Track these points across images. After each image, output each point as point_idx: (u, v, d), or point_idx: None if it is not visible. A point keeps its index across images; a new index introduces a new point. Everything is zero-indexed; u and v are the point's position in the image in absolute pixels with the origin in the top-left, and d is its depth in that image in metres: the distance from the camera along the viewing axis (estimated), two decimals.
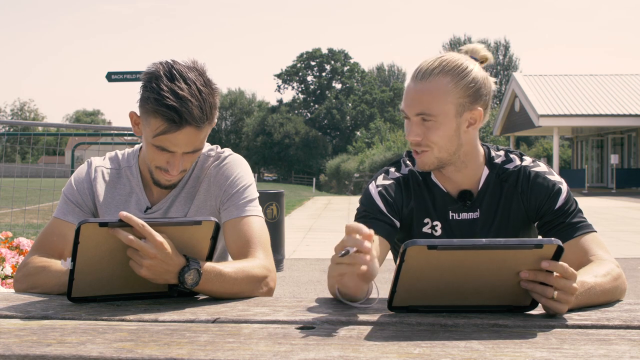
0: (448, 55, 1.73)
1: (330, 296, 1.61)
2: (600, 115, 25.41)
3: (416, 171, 1.83)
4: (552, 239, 1.26)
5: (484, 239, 1.25)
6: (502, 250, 1.25)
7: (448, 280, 1.30)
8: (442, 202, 1.79)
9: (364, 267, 1.30)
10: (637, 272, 7.41)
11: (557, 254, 1.26)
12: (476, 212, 1.78)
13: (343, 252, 1.27)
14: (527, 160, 1.82)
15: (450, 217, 1.79)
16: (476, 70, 1.72)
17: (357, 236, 1.28)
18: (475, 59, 1.76)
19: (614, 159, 25.43)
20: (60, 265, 1.67)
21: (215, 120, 1.73)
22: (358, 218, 1.77)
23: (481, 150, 1.82)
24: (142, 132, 1.74)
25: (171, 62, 1.68)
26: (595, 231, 1.70)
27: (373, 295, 1.47)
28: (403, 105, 1.74)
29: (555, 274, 1.27)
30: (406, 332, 1.21)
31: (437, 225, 1.79)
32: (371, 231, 1.31)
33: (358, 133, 57.89)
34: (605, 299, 1.45)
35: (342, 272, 1.33)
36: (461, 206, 1.78)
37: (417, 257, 1.25)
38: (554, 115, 25.27)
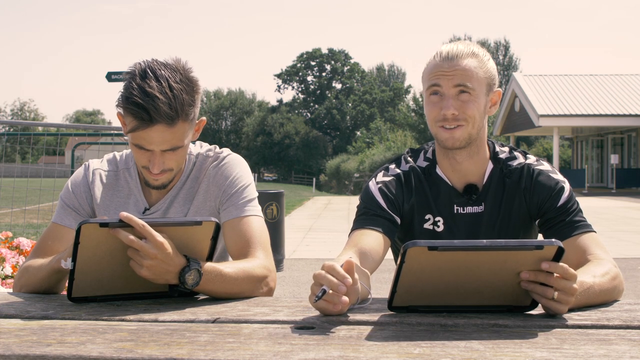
0: (466, 42, 1.77)
1: None
2: (600, 115, 25.40)
3: (418, 167, 1.83)
4: (553, 240, 1.26)
5: (484, 240, 1.25)
6: (502, 251, 1.25)
7: (448, 281, 1.30)
8: (447, 196, 1.79)
9: (342, 307, 1.30)
10: (637, 272, 7.41)
11: (558, 255, 1.26)
12: (481, 205, 1.79)
13: (320, 293, 1.27)
14: (531, 159, 1.83)
15: (456, 211, 1.79)
16: (491, 60, 1.79)
17: (331, 277, 1.28)
18: None
19: (614, 159, 25.42)
20: (40, 262, 1.68)
21: (192, 117, 1.70)
22: (358, 215, 1.77)
23: (487, 143, 1.84)
24: None
25: (149, 61, 1.68)
26: (595, 231, 1.70)
27: (367, 296, 1.47)
28: (434, 79, 1.72)
29: (555, 274, 1.27)
30: (406, 332, 1.21)
31: (439, 220, 1.79)
32: (352, 264, 1.31)
33: (358, 133, 57.91)
34: (603, 298, 1.45)
35: (322, 310, 1.33)
36: (467, 200, 1.78)
37: (417, 258, 1.25)
38: (554, 115, 25.26)
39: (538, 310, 1.36)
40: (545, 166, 1.81)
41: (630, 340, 1.15)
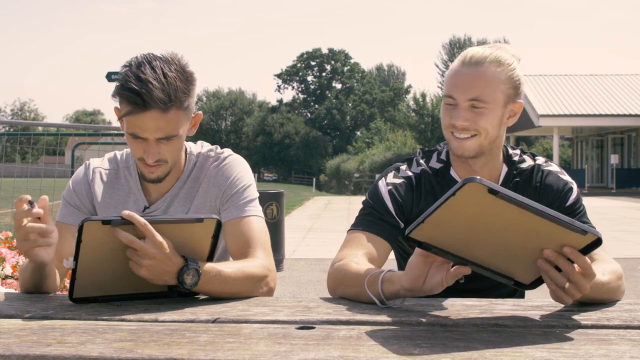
0: (497, 46, 1.74)
1: (330, 296, 1.61)
2: (600, 115, 25.41)
3: (430, 168, 1.81)
4: (595, 229, 1.23)
5: (539, 204, 1.20)
6: (543, 221, 1.20)
7: (478, 229, 1.25)
8: None
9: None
10: (637, 272, 7.41)
11: (589, 247, 1.23)
12: None
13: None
14: (540, 160, 1.84)
15: None
16: (519, 67, 1.74)
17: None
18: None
19: (614, 159, 25.44)
20: (24, 261, 1.69)
21: (187, 106, 1.70)
22: (364, 214, 1.75)
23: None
24: None
25: (145, 54, 1.70)
26: None
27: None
28: (449, 89, 1.69)
29: (576, 267, 1.26)
30: (406, 332, 1.21)
31: None
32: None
33: (358, 133, 57.94)
34: (608, 296, 1.46)
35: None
36: None
37: (471, 196, 1.18)
38: (554, 115, 25.28)
39: (538, 311, 1.36)
40: (554, 167, 1.83)
41: (630, 340, 1.15)
